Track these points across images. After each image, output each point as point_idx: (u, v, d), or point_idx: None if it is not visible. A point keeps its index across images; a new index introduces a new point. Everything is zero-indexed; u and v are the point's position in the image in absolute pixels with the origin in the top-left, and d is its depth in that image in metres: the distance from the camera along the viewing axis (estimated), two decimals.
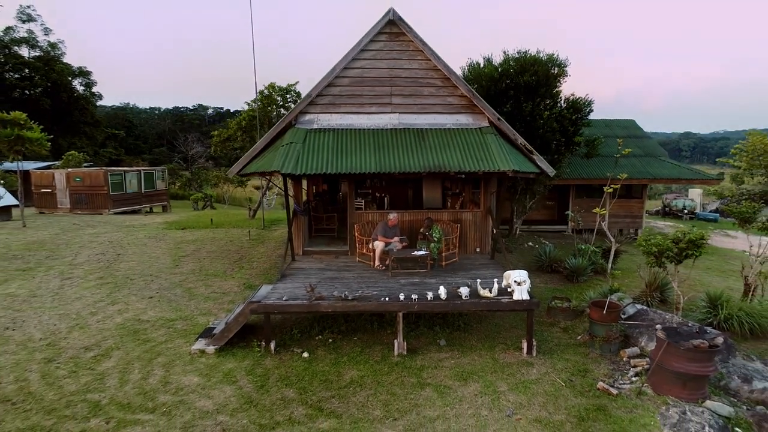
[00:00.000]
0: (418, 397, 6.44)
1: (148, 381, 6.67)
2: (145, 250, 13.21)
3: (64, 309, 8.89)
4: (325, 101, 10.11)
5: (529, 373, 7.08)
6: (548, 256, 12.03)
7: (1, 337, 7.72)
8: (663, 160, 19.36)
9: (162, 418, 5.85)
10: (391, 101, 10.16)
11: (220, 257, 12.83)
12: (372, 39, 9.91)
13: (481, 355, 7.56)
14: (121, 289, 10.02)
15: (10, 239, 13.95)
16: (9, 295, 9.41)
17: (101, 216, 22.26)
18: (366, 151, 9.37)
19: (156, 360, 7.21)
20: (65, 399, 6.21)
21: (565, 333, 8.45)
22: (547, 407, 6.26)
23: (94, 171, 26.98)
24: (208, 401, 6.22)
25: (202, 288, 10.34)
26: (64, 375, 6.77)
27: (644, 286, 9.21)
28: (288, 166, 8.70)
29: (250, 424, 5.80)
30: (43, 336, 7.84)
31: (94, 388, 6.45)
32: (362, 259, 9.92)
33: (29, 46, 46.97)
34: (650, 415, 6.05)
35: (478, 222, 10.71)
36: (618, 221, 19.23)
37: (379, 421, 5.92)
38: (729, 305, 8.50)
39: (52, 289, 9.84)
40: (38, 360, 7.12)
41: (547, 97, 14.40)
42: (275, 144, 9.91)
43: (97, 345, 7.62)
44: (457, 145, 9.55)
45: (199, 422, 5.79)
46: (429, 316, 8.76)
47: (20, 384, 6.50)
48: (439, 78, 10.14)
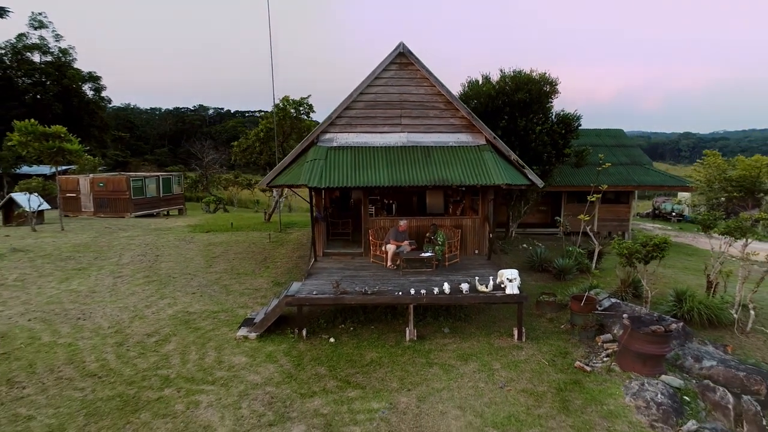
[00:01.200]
0: (427, 373, 7.73)
1: (205, 360, 7.98)
2: (179, 252, 14.53)
3: (122, 303, 10.21)
4: (343, 122, 11.41)
5: (519, 354, 8.37)
6: (539, 257, 13.31)
7: (75, 326, 9.03)
8: (648, 168, 20.59)
9: (221, 389, 7.15)
10: (401, 122, 11.45)
11: (247, 258, 14.14)
12: (384, 68, 11.22)
13: (479, 341, 8.86)
14: (167, 286, 11.34)
15: (57, 242, 15.27)
16: (73, 291, 10.73)
17: (124, 219, 23.57)
18: (379, 166, 10.66)
19: (208, 344, 8.52)
20: (140, 374, 7.52)
21: (550, 323, 9.74)
22: (533, 381, 7.55)
23: (117, 176, 28.36)
24: (256, 376, 7.53)
25: (236, 285, 11.66)
26: (135, 356, 8.08)
27: (620, 283, 10.49)
28: (314, 180, 10.00)
29: (293, 393, 7.11)
30: (110, 325, 9.15)
31: (162, 366, 7.77)
32: (376, 260, 11.22)
33: (41, 52, 47.80)
34: (616, 387, 7.34)
35: (476, 227, 12.00)
36: (607, 224, 20.49)
37: (396, 391, 7.22)
38: (692, 300, 9.76)
39: (108, 285, 11.17)
40: (111, 344, 8.43)
41: (539, 113, 15.64)
42: (299, 159, 11.21)
43: (157, 332, 8.94)
44: (458, 160, 10.84)
45: (251, 392, 7.10)
46: (435, 308, 10.05)
47: (101, 363, 7.82)
48: (442, 102, 11.43)
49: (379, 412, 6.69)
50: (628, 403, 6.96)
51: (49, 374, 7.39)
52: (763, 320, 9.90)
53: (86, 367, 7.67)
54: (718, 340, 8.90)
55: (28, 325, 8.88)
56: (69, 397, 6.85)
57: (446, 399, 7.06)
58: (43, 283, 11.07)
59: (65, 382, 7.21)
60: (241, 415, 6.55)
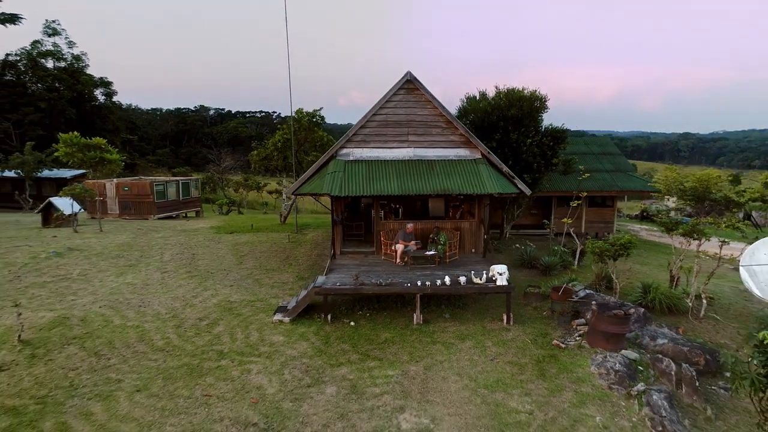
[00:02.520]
0: (431, 349, 9.30)
1: (249, 339, 9.56)
2: (211, 251, 16.12)
3: (173, 294, 11.80)
4: (358, 139, 12.97)
5: (507, 335, 9.93)
6: (528, 256, 14.84)
7: (138, 312, 10.62)
8: (630, 174, 22.09)
9: (266, 360, 8.73)
10: (408, 139, 13.01)
11: (271, 256, 15.72)
12: (394, 93, 12.78)
13: (474, 324, 10.42)
14: (207, 280, 12.92)
15: (102, 242, 16.86)
16: (129, 284, 12.32)
17: (150, 222, 25.15)
18: (390, 177, 12.22)
19: (250, 326, 10.10)
20: (199, 349, 9.10)
21: (534, 310, 11.29)
22: (517, 355, 9.11)
23: (141, 181, 29.99)
24: (293, 350, 9.11)
25: (266, 279, 13.23)
26: (192, 336, 9.66)
27: (594, 277, 12.02)
28: (335, 189, 11.57)
29: (324, 363, 8.68)
30: (166, 311, 10.74)
31: (215, 343, 9.35)
32: (386, 258, 12.77)
33: (54, 59, 49.07)
34: (584, 359, 8.89)
35: (473, 230, 13.55)
36: (594, 225, 22.01)
37: (407, 362, 8.79)
38: (655, 291, 11.29)
39: (157, 279, 12.76)
40: (170, 326, 10.02)
41: (530, 127, 17.17)
42: (321, 171, 12.78)
43: (206, 317, 10.52)
44: (457, 172, 12.39)
45: (290, 362, 8.67)
46: (437, 297, 11.61)
47: (166, 340, 9.40)
48: (444, 121, 12.99)
49: (393, 377, 8.26)
50: (593, 371, 8.51)
51: (126, 349, 8.98)
52: (717, 308, 11.44)
53: (155, 343, 9.26)
54: (674, 324, 10.44)
55: (100, 311, 10.46)
56: (146, 366, 8.44)
57: (447, 368, 8.63)
58: (103, 277, 12.67)
59: (140, 355, 8.80)
60: (285, 379, 8.13)
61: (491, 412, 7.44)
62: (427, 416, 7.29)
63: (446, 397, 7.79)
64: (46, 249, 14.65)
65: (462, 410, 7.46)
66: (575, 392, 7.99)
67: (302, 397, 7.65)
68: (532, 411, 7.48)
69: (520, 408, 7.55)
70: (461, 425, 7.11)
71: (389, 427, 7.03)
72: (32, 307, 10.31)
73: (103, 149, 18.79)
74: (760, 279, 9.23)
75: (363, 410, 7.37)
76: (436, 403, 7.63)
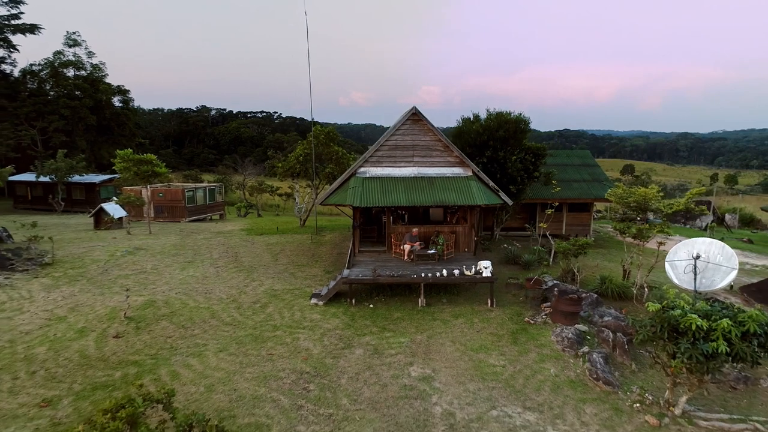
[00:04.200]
0: (432, 324, 11.84)
1: (294, 317, 12.13)
2: (250, 250, 18.71)
3: (228, 284, 14.39)
4: (373, 160, 15.51)
5: (490, 314, 12.47)
6: (512, 254, 17.36)
7: (205, 297, 13.21)
8: (605, 183, 24.55)
9: (309, 331, 11.30)
10: (413, 159, 15.55)
11: (300, 254, 18.29)
12: (402, 123, 15.33)
13: (465, 306, 12.96)
14: (252, 273, 15.51)
15: (158, 243, 19.46)
16: (191, 276, 14.92)
17: (182, 224, 27.77)
18: (399, 191, 14.77)
19: (293, 308, 12.67)
20: (258, 323, 11.68)
21: (513, 297, 13.81)
22: (497, 328, 11.65)
23: (174, 188, 32.64)
24: (328, 324, 11.68)
25: (299, 273, 15.81)
26: (250, 314, 12.24)
27: (561, 271, 14.54)
28: (356, 201, 14.13)
29: (352, 334, 11.25)
30: (226, 297, 13.33)
31: (269, 320, 11.93)
32: (396, 255, 15.31)
33: (75, 68, 50.30)
34: (547, 331, 11.42)
35: (466, 233, 16.07)
36: (574, 228, 24.43)
37: (414, 333, 11.34)
38: (610, 281, 13.80)
39: (213, 273, 15.36)
40: (232, 307, 12.60)
41: (515, 146, 19.70)
42: (344, 186, 15.33)
43: (258, 301, 13.10)
44: (453, 187, 14.92)
45: (327, 333, 11.24)
46: (437, 286, 14.14)
47: (231, 317, 11.98)
48: (442, 146, 15.53)
49: (404, 343, 10.83)
50: (552, 339, 11.05)
51: (204, 323, 11.58)
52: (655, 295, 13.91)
53: (224, 319, 11.85)
54: (621, 307, 12.94)
55: (176, 296, 13.07)
56: (221, 335, 11.03)
57: (444, 337, 11.19)
58: (171, 270, 15.28)
59: (215, 327, 11.39)
60: (325, 344, 10.70)
61: (475, 366, 10.00)
62: (429, 368, 9.86)
63: (443, 356, 10.36)
64: (118, 249, 17.28)
65: (454, 365, 10.02)
66: (537, 353, 10.54)
67: (339, 356, 10.23)
68: (504, 365, 10.04)
69: (496, 363, 10.10)
70: (454, 374, 9.67)
71: (403, 375, 9.60)
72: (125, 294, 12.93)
73: (154, 164, 21.40)
74: (678, 271, 11.73)
75: (383, 364, 9.94)
76: (435, 360, 10.20)
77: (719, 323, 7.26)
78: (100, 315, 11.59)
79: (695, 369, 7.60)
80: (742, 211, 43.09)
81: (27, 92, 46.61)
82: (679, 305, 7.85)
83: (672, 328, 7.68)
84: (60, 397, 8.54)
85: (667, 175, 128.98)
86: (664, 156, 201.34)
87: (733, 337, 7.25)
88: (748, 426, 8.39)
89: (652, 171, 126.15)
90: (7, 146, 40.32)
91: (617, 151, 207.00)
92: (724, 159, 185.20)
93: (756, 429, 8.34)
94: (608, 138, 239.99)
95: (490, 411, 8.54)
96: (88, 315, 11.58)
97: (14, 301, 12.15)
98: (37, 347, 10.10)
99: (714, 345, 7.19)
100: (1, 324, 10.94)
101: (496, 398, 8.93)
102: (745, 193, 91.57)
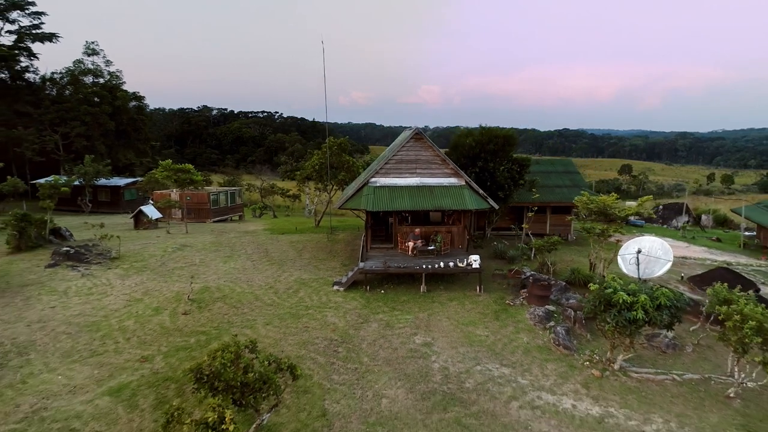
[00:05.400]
0: (432, 305, 14.33)
1: (321, 299, 14.64)
2: (277, 247, 21.21)
3: (264, 274, 16.90)
4: (383, 171, 17.99)
5: (478, 299, 14.95)
6: (500, 250, 19.83)
7: (247, 284, 15.71)
8: (585, 190, 26.97)
9: (334, 310, 13.80)
10: (416, 171, 18.02)
11: (320, 251, 20.79)
12: (407, 141, 17.81)
13: (458, 292, 15.44)
14: (283, 266, 18.02)
15: (199, 241, 21.96)
16: (233, 268, 17.42)
17: (208, 224, 30.26)
18: (404, 197, 17.24)
19: (320, 293, 15.17)
20: (292, 304, 14.19)
21: (498, 285, 16.27)
22: (484, 309, 14.13)
23: (200, 192, 35.11)
24: (349, 305, 14.18)
25: (321, 265, 18.31)
26: (286, 297, 14.75)
27: (538, 264, 17.01)
28: (369, 206, 16.62)
29: (368, 312, 13.74)
30: (265, 284, 15.83)
31: (301, 301, 14.43)
32: (402, 251, 17.79)
33: (94, 76, 51.83)
34: (523, 311, 13.90)
35: (460, 232, 18.54)
36: (557, 228, 26.73)
37: (417, 312, 13.82)
38: (578, 272, 16.27)
39: (251, 266, 17.87)
40: (270, 293, 15.10)
41: (503, 158, 22.15)
42: (358, 193, 17.82)
43: (291, 287, 15.61)
44: (449, 194, 17.39)
45: (349, 311, 13.74)
46: (436, 275, 16.62)
47: (271, 300, 14.49)
48: (440, 160, 17.99)
49: (410, 319, 13.32)
50: (527, 317, 13.53)
51: (250, 304, 14.09)
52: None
53: (265, 301, 14.36)
54: (584, 292, 15.41)
55: (225, 284, 15.59)
56: (266, 312, 13.54)
57: (441, 315, 13.68)
58: (215, 263, 17.80)
59: (260, 307, 13.90)
60: (347, 319, 13.20)
61: (465, 335, 12.49)
62: (430, 337, 12.35)
63: (440, 329, 12.86)
64: (168, 245, 19.83)
65: (449, 335, 12.51)
66: (514, 327, 13.03)
67: (359, 328, 12.74)
68: (488, 335, 12.53)
69: (481, 334, 12.60)
70: (448, 341, 12.17)
71: (409, 342, 12.09)
72: (183, 281, 15.47)
73: (191, 173, 23.91)
74: (627, 263, 14.20)
75: (394, 334, 12.44)
76: (434, 331, 12.69)
77: (639, 298, 9.74)
78: (168, 297, 14.13)
79: (622, 332, 10.08)
80: (717, 213, 45.46)
81: (50, 99, 47.79)
82: (612, 286, 10.33)
83: (606, 302, 10.17)
84: (153, 355, 11.06)
85: (665, 175, 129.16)
86: (663, 156, 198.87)
87: (649, 308, 9.72)
88: (668, 377, 10.88)
89: (650, 171, 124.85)
90: (33, 150, 42.08)
91: (616, 151, 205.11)
92: (722, 159, 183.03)
93: (674, 379, 10.83)
94: (607, 138, 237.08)
95: (475, 366, 11.04)
96: (158, 297, 14.13)
97: (98, 287, 14.70)
98: (126, 321, 12.64)
99: (634, 314, 9.67)
100: (95, 304, 13.49)
101: (480, 358, 11.42)
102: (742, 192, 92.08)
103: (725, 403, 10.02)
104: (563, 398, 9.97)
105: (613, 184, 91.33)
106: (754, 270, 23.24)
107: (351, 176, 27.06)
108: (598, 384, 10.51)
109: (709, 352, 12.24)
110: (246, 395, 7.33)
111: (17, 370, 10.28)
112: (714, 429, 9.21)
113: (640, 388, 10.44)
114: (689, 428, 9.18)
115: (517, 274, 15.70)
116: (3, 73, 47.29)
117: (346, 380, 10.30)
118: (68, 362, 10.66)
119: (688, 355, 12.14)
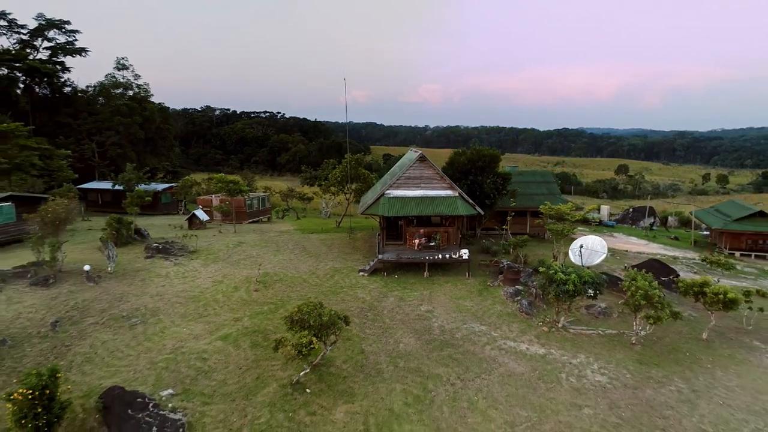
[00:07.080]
0: (433, 286, 18.59)
1: (351, 282, 18.90)
2: (309, 244, 25.49)
3: (306, 264, 21.19)
4: (395, 186, 22.22)
5: (467, 281, 19.18)
6: (486, 246, 24.05)
7: (295, 270, 19.99)
8: (558, 197, 31.09)
9: (361, 289, 18.07)
10: (420, 185, 22.24)
11: (344, 247, 25.05)
12: (414, 163, 22.06)
13: (452, 276, 19.69)
14: (318, 258, 22.30)
15: (249, 238, 26.22)
16: (282, 259, 21.70)
17: (245, 225, 34.51)
18: (411, 206, 21.48)
19: (350, 277, 19.43)
20: (331, 285, 18.46)
21: (482, 272, 20.48)
22: (470, 288, 18.37)
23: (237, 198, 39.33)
24: (372, 286, 18.44)
25: (347, 258, 22.58)
26: (326, 280, 19.03)
27: (514, 257, 21.21)
28: (386, 212, 20.89)
29: (386, 290, 18.01)
30: (308, 271, 20.09)
31: (338, 283, 18.71)
32: (410, 246, 22.03)
33: (124, 89, 54.33)
34: (500, 290, 18.11)
35: (454, 232, 22.77)
36: (535, 229, 30.94)
37: (422, 290, 18.07)
38: (543, 263, 20.44)
39: (294, 257, 22.15)
40: (313, 277, 19.36)
41: (490, 173, 26.33)
42: (376, 203, 22.06)
43: (327, 273, 19.87)
44: (445, 203, 21.61)
45: (373, 290, 18.00)
46: (436, 264, 20.86)
47: (315, 281, 18.76)
48: (439, 177, 22.21)
49: (417, 294, 17.57)
50: (502, 293, 17.74)
51: (301, 285, 18.37)
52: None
53: (311, 282, 18.66)
54: None
55: (279, 270, 19.87)
56: (313, 290, 17.80)
57: (440, 292, 17.93)
58: (268, 256, 22.11)
59: (309, 287, 18.18)
60: (372, 295, 17.47)
61: (457, 306, 16.73)
62: (431, 306, 16.60)
63: (439, 301, 17.10)
64: (227, 243, 24.20)
65: (445, 305, 16.76)
66: (492, 300, 17.25)
67: (381, 300, 17.01)
68: (473, 306, 16.76)
69: (468, 305, 16.83)
70: (444, 309, 16.41)
71: (417, 310, 16.33)
72: (248, 269, 19.79)
73: (239, 183, 28.18)
74: (574, 254, 18.38)
75: (406, 304, 16.71)
76: (435, 303, 16.94)
77: (570, 276, 13.96)
78: (241, 279, 18.45)
79: (560, 299, 14.30)
80: (681, 215, 49.44)
81: (87, 111, 50.23)
82: (554, 269, 14.55)
83: (550, 280, 14.39)
84: (241, 317, 15.37)
85: (662, 175, 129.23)
86: (661, 155, 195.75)
87: (577, 283, 13.94)
88: (595, 332, 15.08)
89: (647, 170, 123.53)
90: (73, 158, 44.42)
91: (615, 151, 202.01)
92: (719, 158, 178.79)
93: (599, 334, 15.03)
94: (606, 137, 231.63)
95: (462, 325, 15.28)
96: (234, 279, 18.46)
97: (190, 272, 19.04)
98: (216, 295, 16.95)
99: (567, 287, 13.89)
100: (191, 284, 17.82)
101: (466, 320, 15.67)
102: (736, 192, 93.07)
103: (630, 348, 14.22)
104: (521, 344, 14.20)
105: (609, 183, 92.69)
106: (694, 263, 27.42)
107: (366, 186, 31.32)
108: (546, 336, 14.73)
109: (630, 318, 16.41)
110: (321, 332, 11.61)
111: (155, 325, 14.62)
112: (618, 362, 13.41)
113: (574, 339, 14.66)
114: (601, 361, 13.39)
115: (497, 263, 19.94)
116: (45, 89, 50.05)
117: (374, 332, 14.58)
118: (186, 321, 14.98)
119: (614, 319, 16.34)
